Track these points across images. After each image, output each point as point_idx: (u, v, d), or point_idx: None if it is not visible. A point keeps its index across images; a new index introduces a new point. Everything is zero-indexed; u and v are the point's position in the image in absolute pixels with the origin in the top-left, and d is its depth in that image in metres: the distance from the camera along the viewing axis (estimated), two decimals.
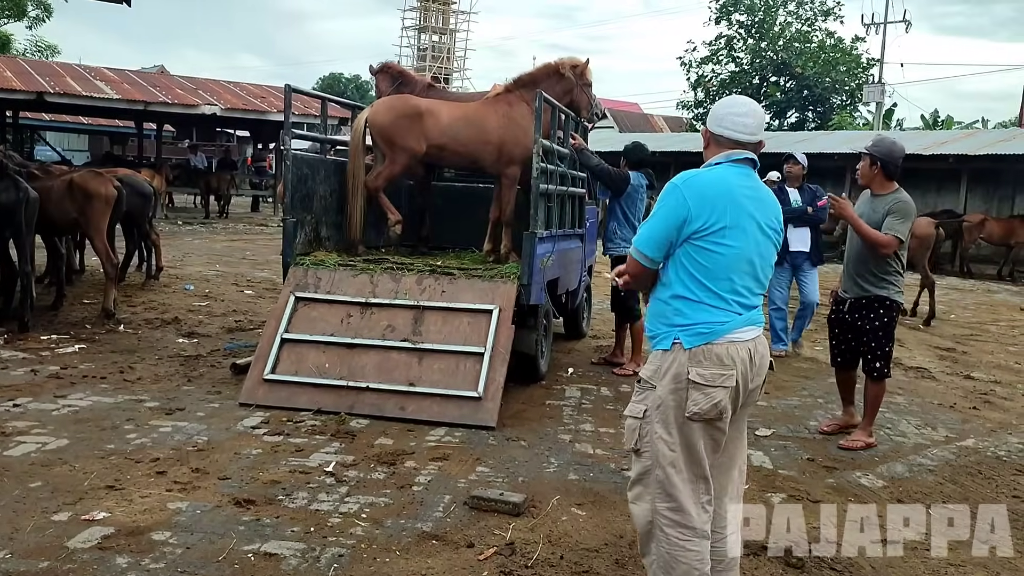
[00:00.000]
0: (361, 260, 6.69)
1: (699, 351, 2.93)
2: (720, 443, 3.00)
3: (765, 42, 46.13)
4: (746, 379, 2.97)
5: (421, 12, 68.27)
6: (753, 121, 3.06)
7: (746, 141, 3.05)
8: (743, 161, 3.05)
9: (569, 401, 6.40)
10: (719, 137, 3.08)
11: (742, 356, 2.95)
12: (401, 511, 4.14)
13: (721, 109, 3.12)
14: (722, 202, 2.95)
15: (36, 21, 40.78)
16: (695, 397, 2.91)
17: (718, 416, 2.93)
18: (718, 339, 2.93)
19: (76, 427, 5.17)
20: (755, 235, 2.99)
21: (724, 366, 2.92)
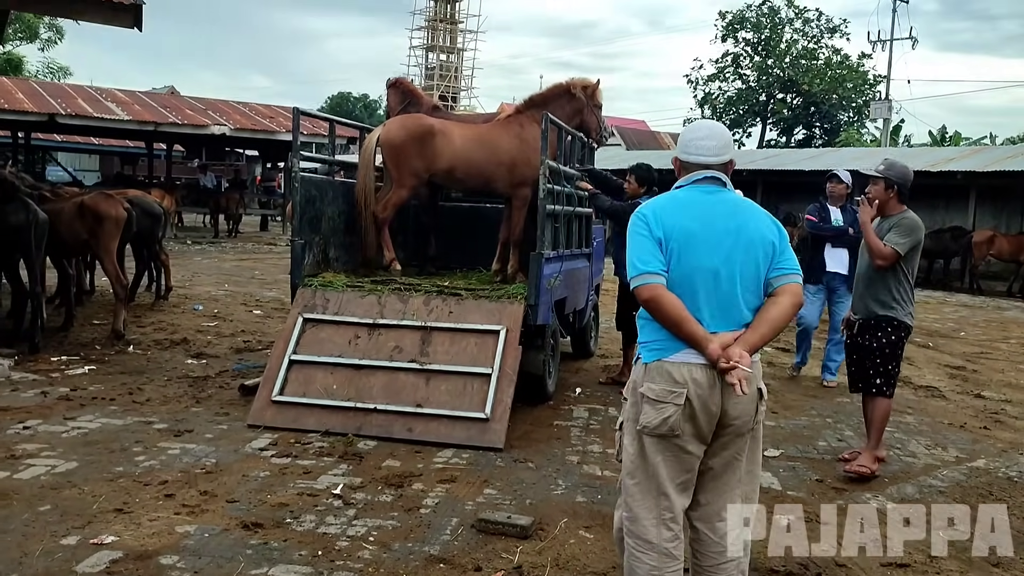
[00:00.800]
0: (369, 281, 6.71)
1: (653, 367, 3.00)
2: (686, 463, 2.99)
3: (772, 59, 46.30)
4: (704, 402, 2.93)
5: (429, 31, 68.70)
6: (716, 143, 3.11)
7: (713, 163, 3.10)
8: (706, 180, 3.09)
9: (577, 421, 6.39)
10: (686, 163, 3.14)
11: (696, 377, 2.93)
12: (408, 534, 4.14)
13: (686, 136, 3.18)
14: (679, 223, 2.99)
15: (48, 43, 41.37)
16: (646, 411, 2.98)
17: (669, 433, 2.94)
18: (670, 356, 2.97)
19: (85, 449, 5.19)
20: (725, 252, 2.98)
21: (675, 383, 2.94)
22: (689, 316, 2.94)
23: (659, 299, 2.95)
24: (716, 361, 2.88)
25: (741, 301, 2.99)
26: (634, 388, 3.08)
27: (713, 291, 2.97)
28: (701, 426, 2.96)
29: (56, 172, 33.35)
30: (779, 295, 3.03)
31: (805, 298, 7.81)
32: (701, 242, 2.98)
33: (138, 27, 7.30)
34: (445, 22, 68.96)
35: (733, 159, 3.16)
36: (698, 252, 2.97)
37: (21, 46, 41.27)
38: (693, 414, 2.94)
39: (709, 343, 2.90)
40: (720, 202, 3.06)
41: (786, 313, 3.02)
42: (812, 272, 7.83)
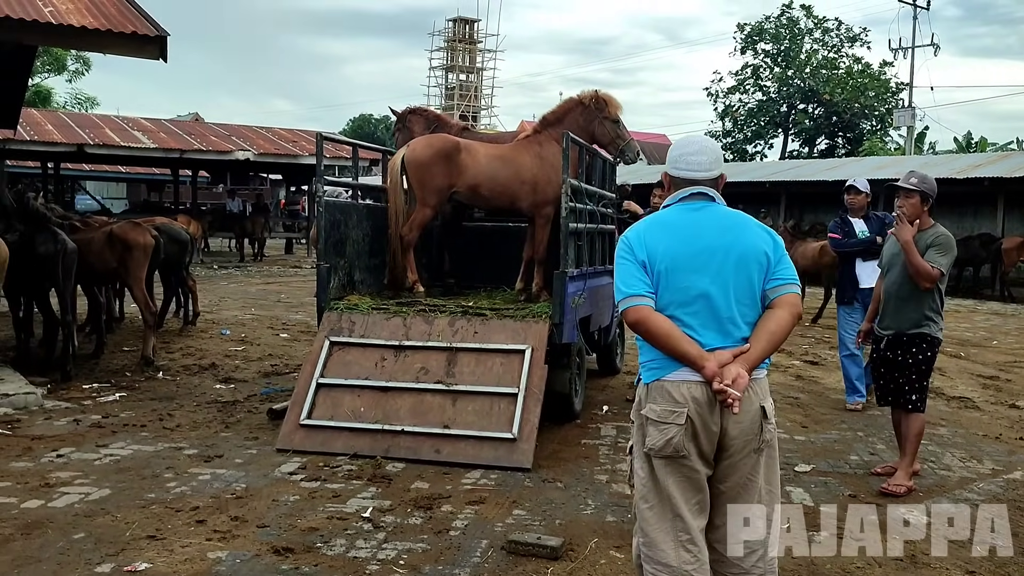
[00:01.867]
0: (394, 303, 6.74)
1: (653, 387, 2.98)
2: (696, 483, 2.96)
3: (792, 70, 46.16)
4: (705, 420, 2.90)
5: (448, 52, 69.30)
6: (706, 159, 3.09)
7: (702, 178, 3.08)
8: (693, 197, 3.07)
9: (605, 440, 6.36)
10: (676, 179, 3.12)
11: (695, 395, 2.90)
12: (439, 557, 4.13)
13: (675, 151, 3.16)
14: (663, 245, 2.98)
15: (75, 75, 42.12)
16: (650, 432, 2.96)
17: (674, 453, 2.91)
18: (668, 375, 2.95)
19: (118, 476, 5.25)
20: (714, 269, 2.96)
21: (675, 403, 2.92)
22: (680, 335, 2.91)
23: (646, 321, 2.94)
24: (712, 380, 2.86)
25: (738, 316, 2.97)
26: (638, 410, 3.06)
27: (706, 309, 2.94)
28: (703, 445, 2.93)
29: (85, 201, 33.88)
30: (776, 307, 2.99)
31: (841, 322, 7.58)
32: (688, 261, 2.96)
33: (163, 58, 7.42)
34: (464, 42, 69.55)
35: (724, 174, 3.14)
36: (686, 271, 2.95)
37: (49, 78, 42.07)
38: (695, 433, 2.91)
39: (705, 362, 2.88)
40: (708, 218, 3.04)
41: (784, 325, 2.99)
42: (844, 292, 7.55)
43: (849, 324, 7.42)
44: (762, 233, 3.06)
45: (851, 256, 7.50)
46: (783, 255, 3.05)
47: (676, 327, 2.92)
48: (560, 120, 7.11)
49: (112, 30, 7.16)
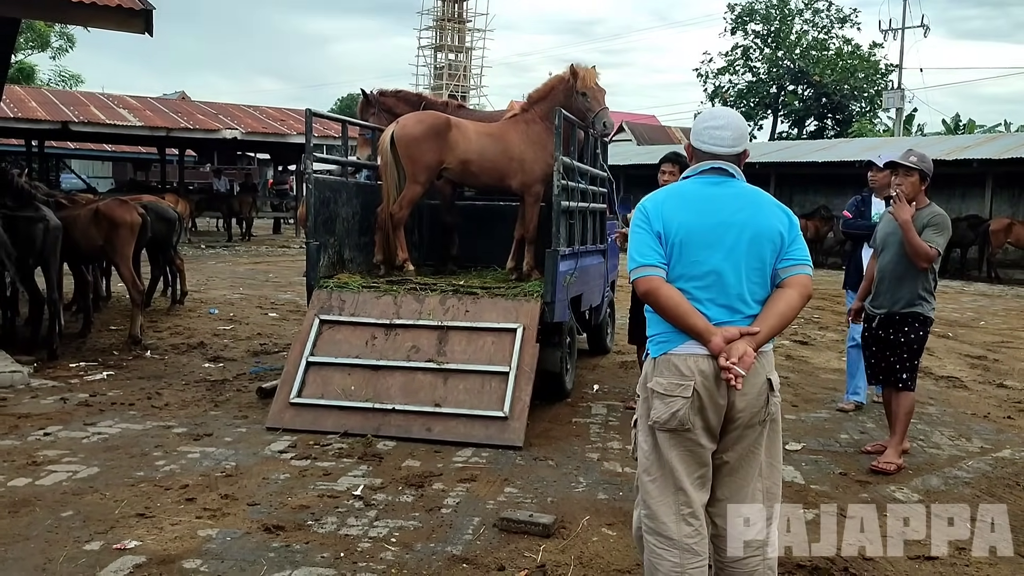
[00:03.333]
0: (384, 281, 6.70)
1: (660, 360, 2.99)
2: (700, 457, 2.97)
3: (782, 51, 46.09)
4: (711, 394, 2.91)
5: (437, 31, 68.74)
6: (731, 134, 3.06)
7: (724, 153, 3.06)
8: (713, 171, 3.05)
9: (596, 419, 6.36)
10: (699, 151, 3.10)
11: (703, 368, 2.91)
12: (430, 534, 4.12)
13: (700, 123, 3.13)
14: (679, 217, 2.97)
15: (59, 51, 41.71)
16: (656, 405, 2.97)
17: (679, 426, 2.92)
18: (675, 348, 2.95)
19: (106, 455, 5.20)
20: (728, 245, 2.95)
21: (682, 376, 2.92)
22: (690, 308, 2.91)
23: (656, 291, 2.94)
24: (717, 355, 2.86)
25: (747, 294, 2.96)
26: (644, 383, 3.07)
27: (716, 284, 2.94)
28: (710, 419, 2.93)
29: (70, 180, 33.49)
30: (786, 286, 2.99)
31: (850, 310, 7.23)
32: (702, 236, 2.95)
33: (149, 32, 7.30)
34: (453, 21, 68.99)
35: (747, 150, 3.12)
36: (699, 246, 2.95)
37: (33, 55, 41.59)
38: (702, 406, 2.92)
39: (712, 335, 2.88)
40: (726, 194, 3.03)
41: (794, 305, 2.98)
42: (849, 276, 6.90)
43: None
44: (778, 212, 3.04)
45: (858, 240, 6.79)
46: (797, 235, 3.04)
47: (686, 300, 2.92)
48: (544, 98, 7.05)
49: (96, 3, 7.03)
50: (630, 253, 3.03)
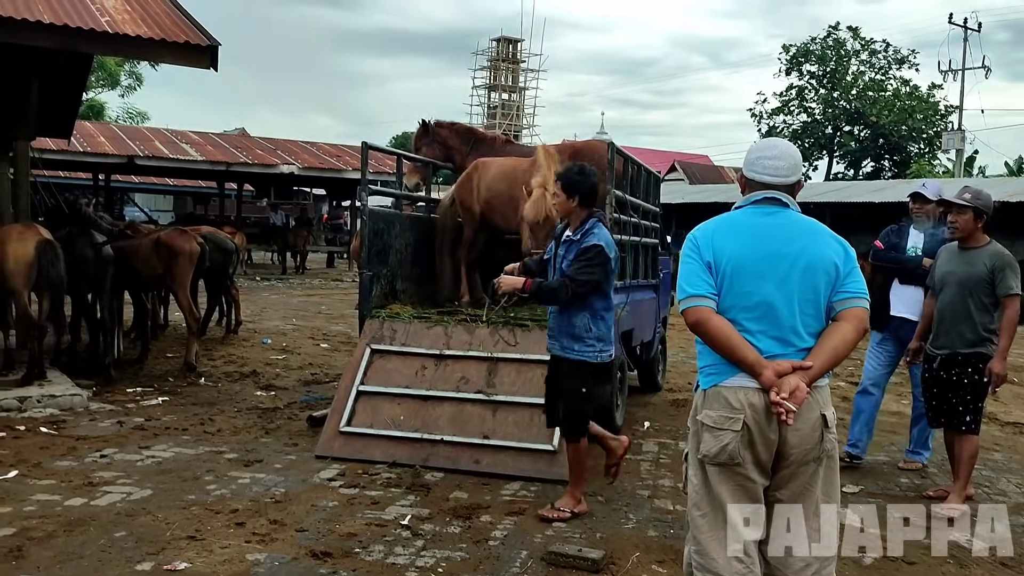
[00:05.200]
0: (435, 312, 6.73)
1: (710, 393, 2.93)
2: (752, 493, 2.89)
3: (837, 91, 45.71)
4: (762, 428, 2.83)
5: (491, 71, 69.71)
6: (785, 164, 3.01)
7: (778, 183, 3.01)
8: (766, 201, 3.00)
9: (646, 455, 6.26)
10: (752, 181, 3.05)
11: (753, 402, 2.83)
12: (478, 566, 4.08)
13: (753, 153, 3.08)
14: (730, 247, 2.92)
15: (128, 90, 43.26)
16: (705, 439, 2.91)
17: (729, 460, 2.85)
18: (725, 381, 2.89)
19: (159, 478, 5.28)
20: (780, 275, 2.88)
21: (732, 409, 2.86)
22: (740, 340, 2.85)
23: (706, 323, 2.88)
24: (768, 389, 2.78)
25: (800, 326, 2.89)
26: (694, 416, 3.00)
27: (768, 316, 2.88)
28: (760, 454, 2.86)
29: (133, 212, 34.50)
30: (842, 320, 2.91)
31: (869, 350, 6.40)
32: (753, 266, 2.90)
33: (214, 67, 7.53)
34: (507, 62, 69.92)
35: (800, 181, 3.07)
36: (750, 276, 2.89)
37: (103, 93, 43.21)
38: (752, 441, 2.84)
39: (763, 369, 2.81)
40: (779, 224, 2.97)
41: (849, 339, 2.90)
42: (874, 314, 6.35)
43: (873, 354, 6.20)
44: (833, 243, 2.98)
45: (889, 274, 6.14)
46: (854, 267, 2.96)
47: (736, 331, 2.86)
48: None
49: (166, 39, 7.28)
50: (679, 283, 2.98)
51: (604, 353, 4.83)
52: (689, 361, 11.03)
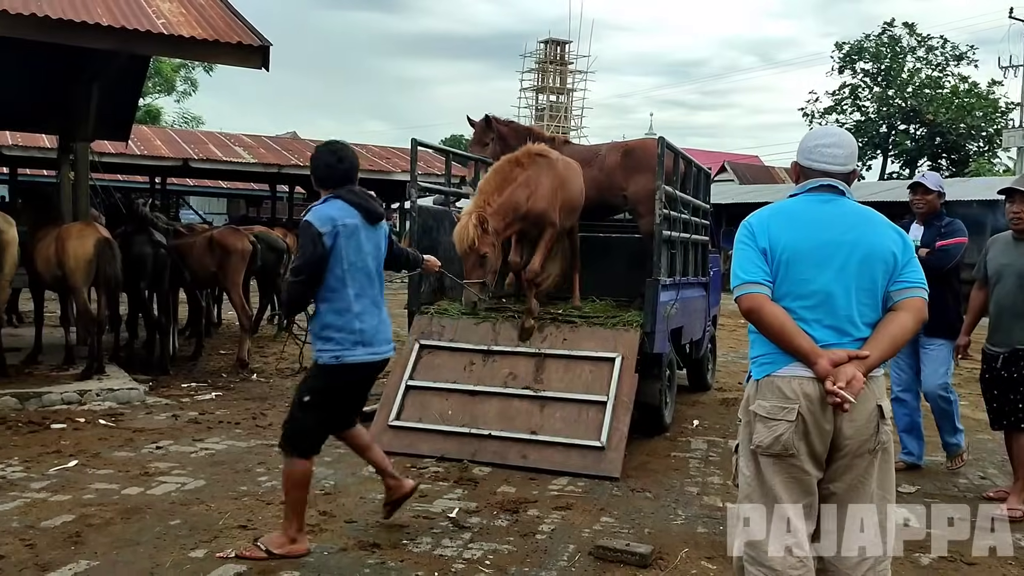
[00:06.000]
0: (483, 309, 6.74)
1: (763, 383, 2.88)
2: (805, 485, 2.83)
3: (893, 89, 44.75)
4: (817, 419, 2.77)
5: (539, 73, 69.74)
6: (843, 152, 2.97)
7: (836, 171, 2.96)
8: (823, 188, 2.94)
9: (695, 453, 6.19)
10: (808, 169, 2.99)
11: (807, 391, 2.77)
12: (525, 559, 4.07)
13: (810, 141, 3.02)
14: (786, 235, 2.87)
15: (183, 95, 44.21)
16: (758, 429, 2.85)
17: (783, 451, 2.79)
18: (779, 370, 2.83)
19: (212, 469, 5.37)
20: (837, 264, 2.83)
21: (786, 399, 2.80)
22: (795, 328, 2.80)
23: (760, 310, 2.83)
24: (824, 378, 2.72)
25: (856, 316, 2.83)
26: (746, 407, 2.95)
27: (824, 305, 2.82)
28: (815, 445, 2.80)
29: (188, 215, 35.19)
30: (900, 310, 2.85)
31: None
32: (810, 254, 2.84)
33: (265, 67, 7.65)
34: (555, 64, 69.89)
35: (855, 169, 3.02)
36: (807, 264, 2.84)
37: (159, 98, 44.21)
38: (806, 431, 2.78)
39: (818, 358, 2.75)
40: (836, 212, 2.92)
41: (908, 329, 2.84)
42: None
43: (892, 360, 5.63)
44: (892, 232, 2.92)
45: None
46: (912, 257, 2.90)
47: (791, 319, 2.81)
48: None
49: (219, 40, 7.43)
50: (733, 269, 2.93)
51: (327, 353, 4.07)
52: (739, 361, 10.90)
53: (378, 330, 4.15)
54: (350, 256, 4.02)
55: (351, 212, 4.07)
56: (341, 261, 4.00)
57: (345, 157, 4.20)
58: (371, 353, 4.13)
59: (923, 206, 5.77)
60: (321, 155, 4.22)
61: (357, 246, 4.05)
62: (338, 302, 4.03)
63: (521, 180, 6.02)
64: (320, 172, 4.18)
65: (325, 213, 4.02)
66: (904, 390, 5.94)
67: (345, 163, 4.18)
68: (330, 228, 3.96)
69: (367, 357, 4.12)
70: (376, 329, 4.13)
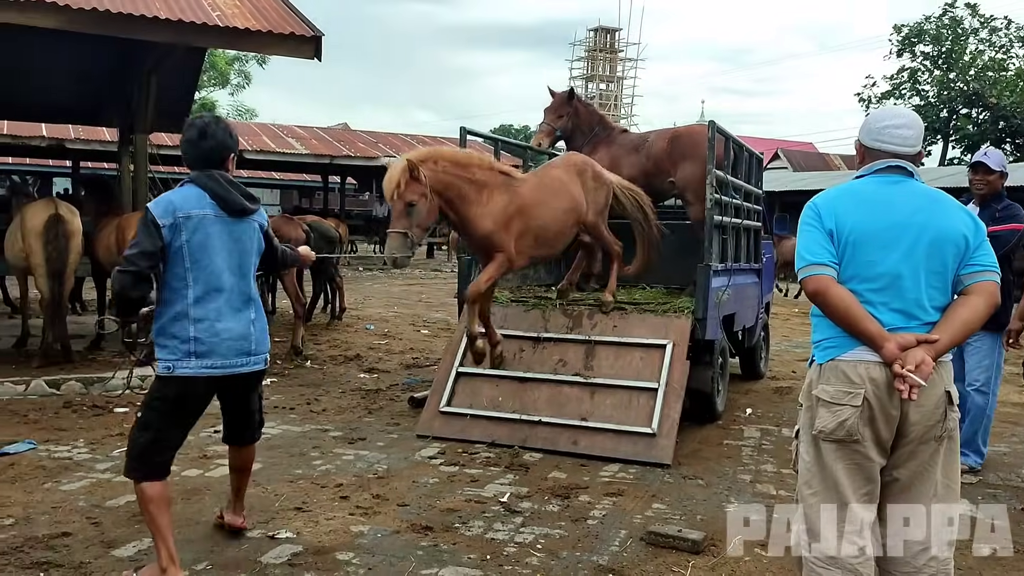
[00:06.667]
0: (533, 296, 6.75)
1: (827, 367, 2.83)
2: (868, 472, 2.78)
3: (954, 72, 43.50)
4: (883, 404, 2.71)
5: (589, 62, 69.35)
6: (912, 132, 2.90)
7: (904, 153, 2.88)
8: (891, 170, 2.87)
9: (748, 442, 6.13)
10: (874, 150, 2.92)
11: (874, 376, 2.72)
12: (576, 543, 4.07)
13: (877, 122, 2.95)
14: (853, 216, 2.81)
15: (238, 88, 44.97)
16: (821, 414, 2.80)
17: (847, 437, 2.74)
18: (844, 354, 2.78)
19: (268, 453, 5.47)
20: (906, 247, 2.76)
21: (851, 383, 2.74)
22: (862, 311, 2.74)
23: (827, 292, 2.78)
24: (891, 363, 2.67)
25: (925, 299, 2.77)
26: (808, 391, 2.90)
27: (892, 287, 2.76)
28: (881, 431, 2.74)
29: None
30: (971, 293, 2.78)
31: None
32: (877, 236, 2.78)
33: (318, 57, 7.73)
34: (605, 52, 69.42)
35: (922, 151, 2.95)
36: (874, 246, 2.78)
37: (214, 91, 45.04)
38: (872, 417, 2.73)
39: (885, 342, 2.69)
40: (905, 194, 2.85)
41: (980, 313, 2.76)
42: None
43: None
44: (962, 215, 2.85)
45: None
46: (984, 240, 2.83)
47: (857, 302, 2.76)
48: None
49: (273, 31, 7.53)
50: (798, 251, 2.88)
51: (160, 362, 3.55)
52: (792, 350, 10.76)
53: (224, 340, 3.52)
54: (193, 253, 3.47)
55: (203, 202, 3.52)
56: (182, 258, 3.47)
57: (210, 133, 3.59)
58: (208, 367, 3.50)
59: (983, 187, 5.42)
60: (184, 129, 3.65)
61: (204, 241, 3.48)
62: (176, 304, 3.50)
63: (472, 186, 5.58)
64: (182, 148, 3.65)
65: (167, 201, 3.49)
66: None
67: (209, 140, 3.59)
68: (170, 220, 3.44)
69: (203, 371, 3.50)
70: (221, 339, 3.52)
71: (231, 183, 3.61)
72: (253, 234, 3.70)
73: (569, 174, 6.17)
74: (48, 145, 18.79)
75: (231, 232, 3.58)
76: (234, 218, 3.59)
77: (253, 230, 3.70)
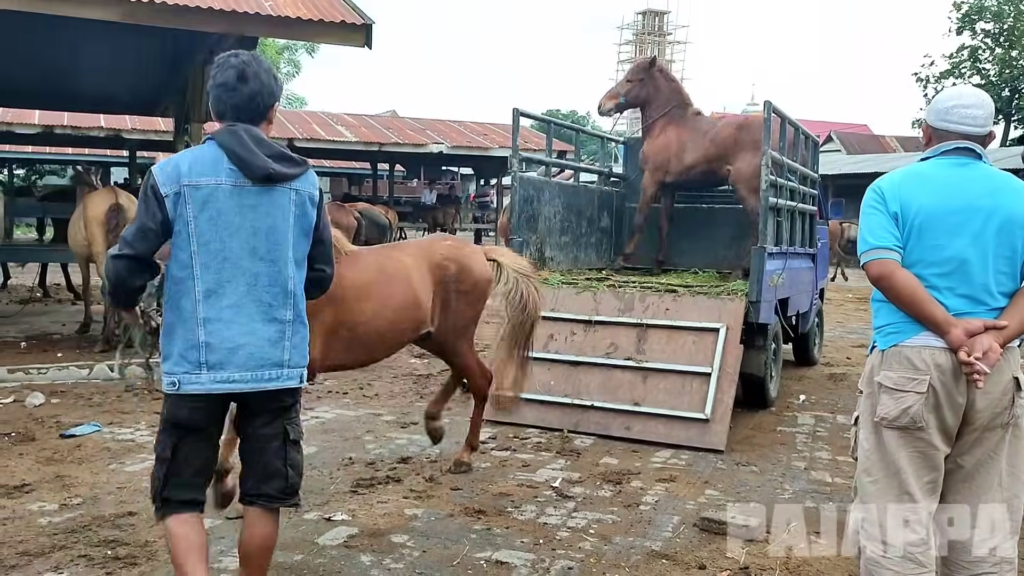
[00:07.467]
0: (584, 278, 6.73)
1: (890, 353, 2.76)
2: (932, 460, 2.71)
3: (1016, 51, 42.14)
4: (949, 391, 2.64)
5: (636, 44, 68.64)
6: (983, 113, 2.80)
7: (974, 134, 2.78)
8: (958, 151, 2.78)
9: (802, 428, 6.05)
10: (942, 131, 2.82)
11: (939, 362, 2.64)
12: (629, 529, 4.07)
13: (946, 102, 2.85)
14: (919, 199, 2.72)
15: (287, 77, 45.49)
16: (884, 401, 2.74)
17: (911, 424, 2.67)
18: (908, 340, 2.70)
19: (323, 437, 5.55)
20: (974, 231, 2.68)
21: (915, 369, 2.67)
22: (927, 296, 2.67)
23: (891, 277, 2.71)
24: (958, 349, 2.60)
25: (993, 285, 2.69)
26: (870, 378, 2.83)
27: (959, 272, 2.69)
28: (946, 418, 2.67)
29: None
30: None
31: None
32: (944, 219, 2.70)
33: (368, 46, 7.77)
34: (653, 35, 68.66)
35: (992, 132, 2.85)
36: (941, 230, 2.70)
37: None
38: (937, 404, 2.66)
39: (951, 327, 2.62)
40: (973, 176, 2.76)
41: None
42: None
43: None
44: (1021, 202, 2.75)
45: None
46: None
47: (922, 287, 2.69)
48: None
49: (323, 19, 7.58)
50: (861, 234, 2.81)
51: (166, 377, 2.71)
52: (846, 336, 10.57)
53: (243, 346, 2.70)
54: (202, 233, 2.66)
55: (219, 166, 2.68)
56: (187, 240, 2.67)
57: (251, 74, 2.75)
58: (222, 380, 2.69)
59: None
60: (216, 72, 2.79)
61: (215, 218, 2.67)
62: (182, 299, 2.70)
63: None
64: (213, 95, 2.79)
65: (174, 164, 2.71)
66: None
67: (251, 83, 2.75)
68: (175, 188, 2.65)
69: (216, 386, 2.69)
70: (238, 345, 2.69)
71: (259, 140, 2.72)
72: (289, 207, 2.75)
73: (419, 264, 4.64)
74: (106, 135, 19.22)
75: (255, 206, 2.70)
76: (259, 186, 2.70)
77: (289, 201, 2.75)
